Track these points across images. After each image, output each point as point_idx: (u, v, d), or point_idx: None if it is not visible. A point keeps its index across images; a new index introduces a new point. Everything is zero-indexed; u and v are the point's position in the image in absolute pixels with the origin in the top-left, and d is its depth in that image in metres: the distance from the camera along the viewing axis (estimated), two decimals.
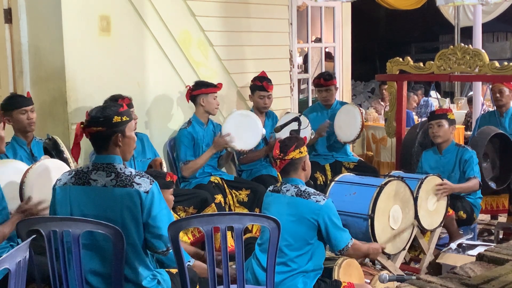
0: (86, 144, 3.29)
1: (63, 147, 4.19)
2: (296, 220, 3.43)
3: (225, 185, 5.21)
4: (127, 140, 3.06)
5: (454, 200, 4.87)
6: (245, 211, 5.04)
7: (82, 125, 3.02)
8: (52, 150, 4.20)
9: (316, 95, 6.45)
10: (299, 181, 3.56)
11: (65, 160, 4.05)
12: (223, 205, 5.04)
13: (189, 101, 5.26)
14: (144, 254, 3.02)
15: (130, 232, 2.92)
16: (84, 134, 3.04)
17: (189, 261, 3.51)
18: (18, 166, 3.73)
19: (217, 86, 5.27)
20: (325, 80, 5.89)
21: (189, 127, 5.17)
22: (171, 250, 2.97)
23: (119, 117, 3.01)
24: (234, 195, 5.21)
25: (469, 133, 7.31)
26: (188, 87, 5.26)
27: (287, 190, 3.52)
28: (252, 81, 5.72)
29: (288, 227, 3.35)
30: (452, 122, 5.07)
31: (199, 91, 5.18)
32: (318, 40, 7.83)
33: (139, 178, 2.95)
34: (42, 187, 3.52)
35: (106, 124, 2.98)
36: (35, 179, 3.53)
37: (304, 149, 3.56)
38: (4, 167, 3.70)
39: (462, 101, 10.03)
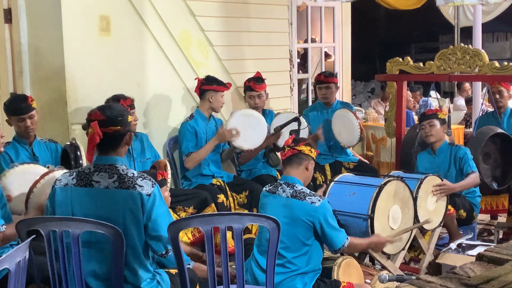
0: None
1: (83, 154, 4.07)
2: (291, 222, 3.43)
3: (227, 188, 5.21)
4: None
5: (454, 199, 4.88)
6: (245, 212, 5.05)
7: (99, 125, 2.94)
8: (71, 153, 4.10)
9: (317, 94, 6.45)
10: (297, 180, 3.56)
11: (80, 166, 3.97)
12: (225, 204, 5.05)
13: (198, 94, 5.26)
14: (144, 257, 3.01)
15: (131, 234, 2.92)
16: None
17: (189, 264, 3.50)
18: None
19: (227, 86, 5.29)
20: (325, 77, 5.91)
21: (192, 120, 5.17)
22: (171, 253, 2.97)
23: (131, 116, 3.09)
24: (234, 197, 5.21)
25: (469, 130, 7.32)
26: (198, 79, 5.24)
27: (283, 191, 3.52)
28: (244, 82, 5.74)
29: (284, 229, 3.31)
30: (443, 121, 5.11)
31: (210, 87, 5.17)
32: (314, 40, 7.76)
33: (141, 180, 2.95)
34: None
35: (124, 124, 3.00)
36: (44, 190, 3.49)
37: (313, 152, 3.60)
38: (27, 173, 3.64)
39: (459, 100, 10.00)
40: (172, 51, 5.53)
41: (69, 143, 4.27)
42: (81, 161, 4.06)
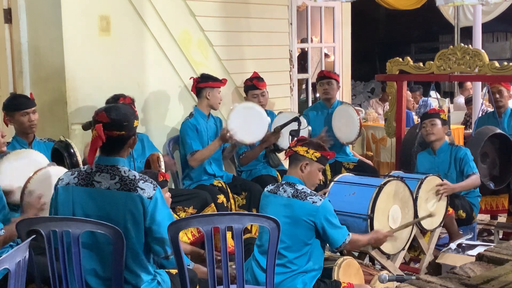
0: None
1: (76, 150, 4.06)
2: (292, 222, 3.43)
3: (229, 190, 5.20)
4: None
5: (453, 199, 4.88)
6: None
7: (103, 128, 2.89)
8: (64, 151, 4.04)
9: (318, 93, 6.45)
10: (297, 180, 3.56)
11: (75, 164, 3.94)
12: (225, 205, 5.04)
13: (195, 93, 5.25)
14: (144, 258, 3.01)
15: (130, 236, 2.91)
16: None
17: (189, 265, 3.50)
18: (32, 156, 3.73)
19: (222, 81, 5.29)
20: (328, 72, 6.02)
21: (192, 119, 5.15)
22: (172, 256, 2.97)
23: (137, 121, 3.06)
24: (235, 199, 5.21)
25: (469, 131, 7.33)
26: (193, 78, 5.24)
27: (284, 191, 3.52)
28: (244, 83, 5.73)
29: (284, 229, 3.30)
30: (444, 122, 5.12)
31: (205, 84, 5.17)
32: (305, 40, 7.72)
33: (143, 183, 2.94)
34: (45, 194, 3.49)
35: (128, 129, 2.97)
36: (37, 186, 3.50)
37: (312, 153, 3.56)
38: (18, 159, 3.70)
39: (460, 99, 10.02)
40: (172, 51, 5.53)
41: (58, 141, 4.21)
42: (75, 158, 4.04)
